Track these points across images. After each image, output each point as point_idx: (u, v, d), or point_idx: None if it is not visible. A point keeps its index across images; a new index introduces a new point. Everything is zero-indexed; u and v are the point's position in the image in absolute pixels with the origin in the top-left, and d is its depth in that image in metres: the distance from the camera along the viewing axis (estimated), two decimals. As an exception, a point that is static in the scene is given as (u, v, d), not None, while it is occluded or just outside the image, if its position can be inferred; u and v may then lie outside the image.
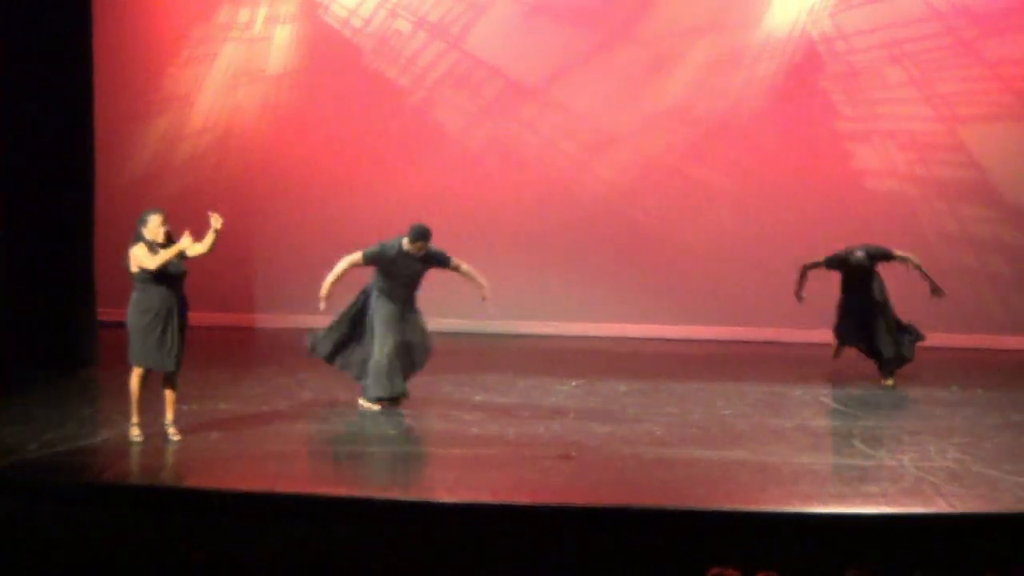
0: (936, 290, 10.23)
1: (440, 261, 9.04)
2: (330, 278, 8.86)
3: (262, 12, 12.80)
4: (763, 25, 12.39)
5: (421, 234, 8.86)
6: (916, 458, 7.67)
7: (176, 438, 7.75)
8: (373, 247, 8.92)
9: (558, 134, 12.68)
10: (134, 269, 7.61)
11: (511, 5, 12.58)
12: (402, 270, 8.91)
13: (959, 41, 12.14)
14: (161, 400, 7.86)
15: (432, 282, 12.54)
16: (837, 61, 12.33)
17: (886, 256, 10.30)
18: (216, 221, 7.72)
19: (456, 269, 9.12)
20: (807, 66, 12.34)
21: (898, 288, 12.42)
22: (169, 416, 7.83)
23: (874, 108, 12.35)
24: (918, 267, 10.23)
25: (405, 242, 8.88)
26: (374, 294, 8.99)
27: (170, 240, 7.66)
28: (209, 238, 7.76)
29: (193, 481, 7.17)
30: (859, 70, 12.30)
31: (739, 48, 12.41)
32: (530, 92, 12.64)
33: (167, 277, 7.60)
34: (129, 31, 12.60)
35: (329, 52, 12.77)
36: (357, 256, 8.91)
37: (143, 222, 7.64)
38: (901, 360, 10.22)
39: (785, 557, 6.12)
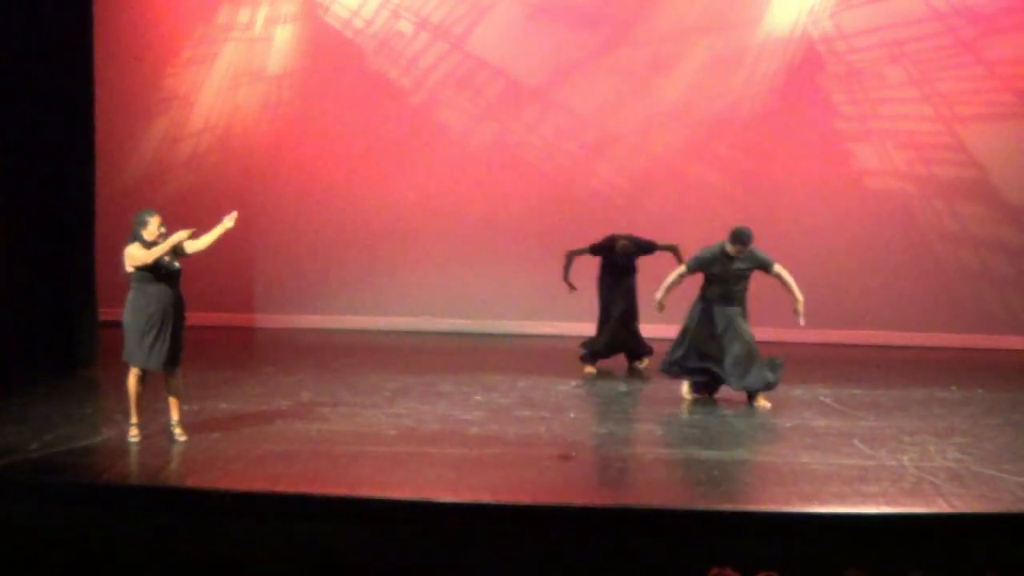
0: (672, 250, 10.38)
1: (762, 264, 9.22)
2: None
3: (262, 13, 12.81)
4: (763, 25, 12.40)
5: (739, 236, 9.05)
6: (916, 458, 7.67)
7: (182, 438, 7.74)
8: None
9: (559, 134, 12.69)
10: (129, 268, 7.60)
11: (513, 6, 12.59)
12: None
13: (959, 41, 12.15)
14: (160, 400, 7.86)
15: (436, 283, 12.63)
16: (837, 61, 12.34)
17: (649, 248, 10.46)
18: (230, 219, 7.70)
19: (777, 276, 9.22)
20: (807, 66, 12.35)
21: (886, 286, 12.45)
22: (174, 416, 7.82)
23: (874, 108, 12.36)
24: (678, 258, 10.26)
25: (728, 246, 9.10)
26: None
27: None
28: (211, 235, 7.75)
29: (193, 481, 7.16)
30: (859, 70, 12.31)
31: (739, 48, 12.42)
32: (532, 93, 12.65)
33: (162, 276, 7.60)
34: (129, 31, 12.60)
35: (330, 53, 12.78)
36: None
37: (141, 223, 7.63)
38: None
39: (785, 557, 6.12)
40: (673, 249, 10.48)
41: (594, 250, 10.57)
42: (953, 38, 12.19)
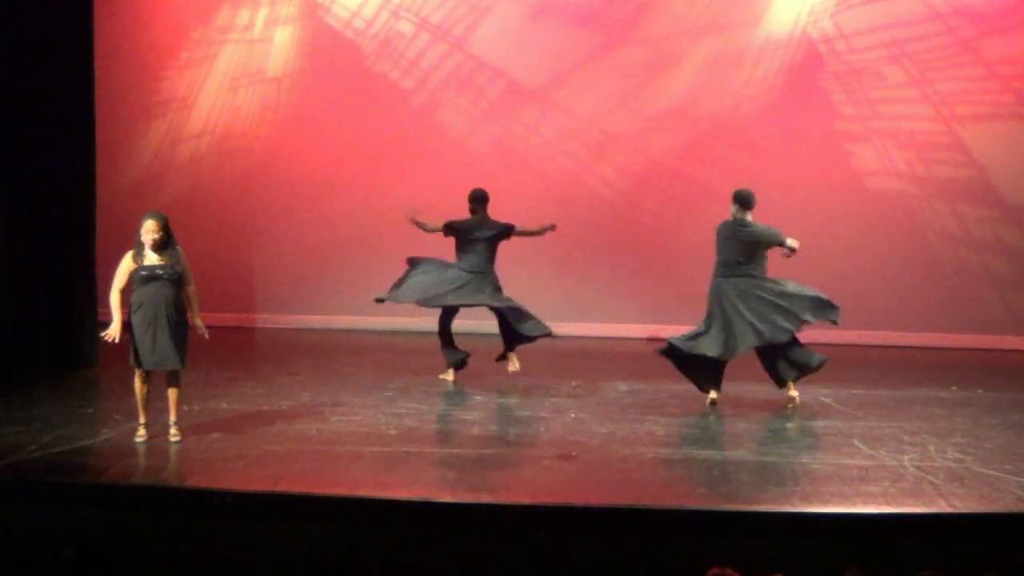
0: None
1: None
2: None
3: (262, 14, 12.80)
4: (763, 25, 12.39)
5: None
6: (916, 458, 7.67)
7: (176, 439, 7.74)
8: None
9: (560, 135, 12.69)
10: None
11: (513, 7, 12.59)
12: None
13: (959, 41, 12.14)
14: (161, 400, 7.87)
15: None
16: (837, 61, 12.33)
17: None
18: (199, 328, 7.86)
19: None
20: (807, 66, 12.34)
21: (886, 286, 12.42)
22: (172, 416, 7.83)
23: (874, 108, 12.35)
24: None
25: None
26: None
27: (168, 242, 7.67)
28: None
29: (194, 481, 7.18)
30: (859, 70, 12.30)
31: (739, 48, 12.41)
32: (532, 93, 12.65)
33: (156, 278, 7.61)
34: (129, 33, 12.61)
35: (331, 54, 12.78)
36: None
37: (140, 226, 7.68)
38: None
39: (785, 557, 6.12)
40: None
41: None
42: (953, 38, 12.18)
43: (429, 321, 12.83)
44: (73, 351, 10.06)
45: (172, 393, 7.82)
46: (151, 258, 7.64)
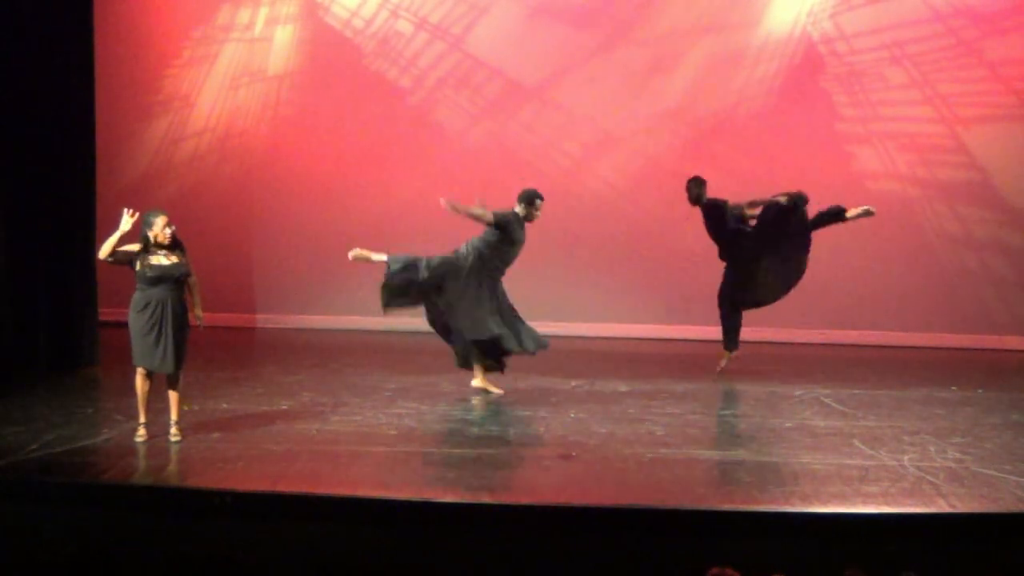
0: None
1: None
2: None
3: (263, 13, 12.82)
4: (763, 26, 12.39)
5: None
6: (916, 458, 7.67)
7: (176, 439, 7.75)
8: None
9: (558, 134, 12.69)
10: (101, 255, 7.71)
11: (512, 6, 12.59)
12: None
13: (960, 42, 12.13)
14: (161, 400, 7.87)
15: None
16: (838, 62, 12.32)
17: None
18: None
19: None
20: (807, 67, 12.34)
21: (887, 287, 12.41)
22: (173, 416, 7.83)
23: (875, 109, 12.34)
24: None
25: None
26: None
27: (176, 241, 7.68)
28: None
29: (194, 481, 7.18)
30: (860, 71, 12.29)
31: (739, 49, 12.41)
32: (530, 92, 12.65)
33: (162, 279, 7.60)
34: (130, 32, 12.61)
35: (330, 53, 12.79)
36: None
37: (147, 224, 7.66)
38: None
39: (785, 557, 6.12)
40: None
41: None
42: (955, 39, 12.17)
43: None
44: (73, 351, 10.06)
45: (172, 393, 7.82)
46: (160, 258, 7.63)
